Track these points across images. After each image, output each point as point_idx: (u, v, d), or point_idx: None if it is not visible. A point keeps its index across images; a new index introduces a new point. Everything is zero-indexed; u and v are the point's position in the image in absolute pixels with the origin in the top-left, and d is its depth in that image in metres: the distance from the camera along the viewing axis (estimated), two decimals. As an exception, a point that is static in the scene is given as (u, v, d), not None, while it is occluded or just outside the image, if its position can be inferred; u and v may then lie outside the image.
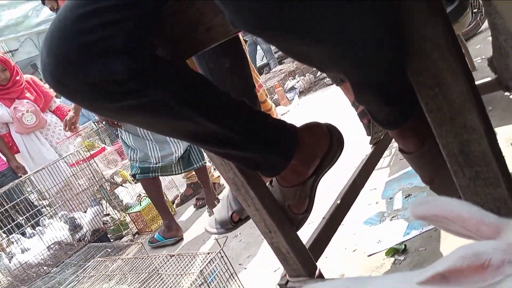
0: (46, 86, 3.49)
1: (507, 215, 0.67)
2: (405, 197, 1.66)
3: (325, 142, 0.87)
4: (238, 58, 1.10)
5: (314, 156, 0.87)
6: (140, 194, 3.21)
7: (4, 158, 3.39)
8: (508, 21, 0.43)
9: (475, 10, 1.88)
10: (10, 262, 2.53)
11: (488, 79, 1.37)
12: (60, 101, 3.62)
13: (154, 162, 2.48)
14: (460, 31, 2.25)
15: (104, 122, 2.90)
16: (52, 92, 3.46)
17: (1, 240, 2.91)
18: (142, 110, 0.66)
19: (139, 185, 3.06)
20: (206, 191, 2.65)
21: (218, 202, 2.63)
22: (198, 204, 3.02)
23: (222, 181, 3.25)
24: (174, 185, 3.60)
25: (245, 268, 1.78)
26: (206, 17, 0.65)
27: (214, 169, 3.56)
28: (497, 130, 1.71)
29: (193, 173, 3.19)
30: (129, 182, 3.31)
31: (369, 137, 1.44)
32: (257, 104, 1.15)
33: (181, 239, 2.58)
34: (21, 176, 3.11)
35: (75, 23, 0.59)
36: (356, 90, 0.66)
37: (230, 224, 1.11)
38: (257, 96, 1.16)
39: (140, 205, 3.04)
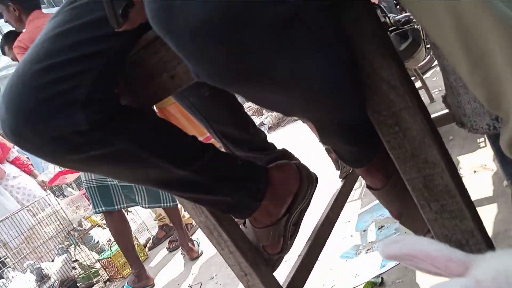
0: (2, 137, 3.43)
1: (476, 246, 0.69)
2: (378, 229, 1.68)
3: (294, 180, 0.88)
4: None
5: (286, 195, 0.88)
6: (110, 239, 3.10)
7: None
8: (454, 62, 0.46)
9: (428, 45, 1.99)
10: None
11: (446, 110, 1.43)
12: (16, 151, 3.57)
13: (111, 180, 2.38)
14: (415, 66, 2.36)
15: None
16: (9, 144, 3.39)
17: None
18: (107, 160, 0.65)
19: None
20: (179, 232, 2.58)
21: (192, 243, 2.57)
22: (171, 246, 2.94)
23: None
24: (145, 227, 3.50)
25: (223, 311, 1.73)
26: (170, 65, 0.66)
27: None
28: (459, 158, 1.78)
29: (164, 214, 3.12)
30: (100, 226, 3.20)
31: (339, 171, 1.46)
32: (249, 122, 1.12)
33: (152, 287, 2.49)
34: None
35: (33, 79, 0.58)
36: (321, 132, 0.68)
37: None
38: (247, 114, 1.15)
39: (111, 250, 2.93)
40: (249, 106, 6.02)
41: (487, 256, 0.42)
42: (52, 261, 2.81)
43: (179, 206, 2.65)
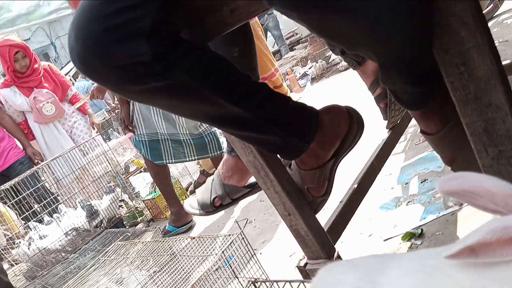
0: (63, 74, 3.51)
1: (531, 195, 0.66)
2: (421, 182, 1.66)
3: (345, 124, 0.87)
4: (247, 49, 1.10)
5: (334, 139, 0.87)
6: (153, 182, 3.24)
7: (20, 146, 3.44)
8: None
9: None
10: (28, 249, 2.59)
11: (508, 61, 1.35)
12: (75, 90, 3.65)
13: (162, 132, 2.46)
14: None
15: (116, 111, 2.94)
16: (68, 81, 3.49)
17: (19, 227, 2.97)
18: (165, 92, 0.67)
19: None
20: (220, 178, 2.65)
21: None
22: (211, 191, 3.04)
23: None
24: (187, 172, 3.62)
25: (261, 253, 1.80)
26: (231, -2, 0.65)
27: (227, 158, 3.58)
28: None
29: (201, 161, 3.21)
30: (143, 171, 3.34)
31: (386, 122, 1.43)
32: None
33: (192, 225, 2.60)
34: (38, 164, 3.16)
35: (102, 7, 0.60)
36: (383, 68, 0.66)
37: (211, 208, 1.12)
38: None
39: (155, 192, 3.07)
40: (293, 56, 5.92)
41: None
42: (101, 199, 2.99)
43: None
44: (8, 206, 2.95)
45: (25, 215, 2.84)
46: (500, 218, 0.39)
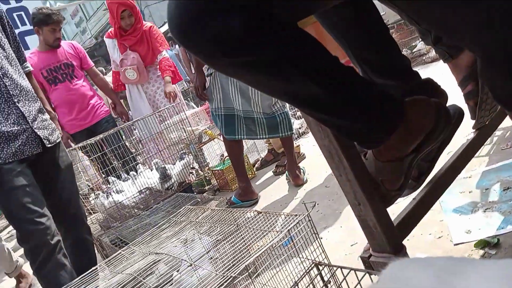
0: (161, 36, 3.54)
1: None
2: (503, 190, 1.54)
3: (431, 120, 0.83)
4: (362, 5, 1.01)
5: (418, 133, 0.84)
6: (223, 154, 3.34)
7: (108, 105, 3.70)
8: None
9: None
10: (106, 200, 2.82)
11: None
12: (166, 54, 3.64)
13: (237, 108, 2.52)
14: None
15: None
16: (162, 46, 3.52)
17: (98, 180, 3.23)
18: (254, 67, 0.68)
19: (223, 144, 3.19)
20: (289, 158, 2.68)
21: (299, 171, 2.65)
22: (277, 171, 3.08)
23: (303, 150, 3.26)
24: (255, 149, 3.69)
25: (321, 238, 1.79)
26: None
27: (295, 139, 3.58)
28: None
29: (271, 140, 3.24)
30: (217, 138, 3.44)
31: (473, 121, 1.34)
32: (394, 46, 1.05)
33: (256, 202, 2.66)
34: (123, 123, 3.39)
35: None
36: (486, 62, 0.62)
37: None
38: (392, 38, 1.07)
39: (224, 163, 3.17)
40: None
41: None
42: (174, 164, 3.15)
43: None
44: (91, 160, 3.21)
45: (105, 169, 3.08)
46: None
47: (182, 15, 0.63)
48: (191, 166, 3.19)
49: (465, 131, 1.38)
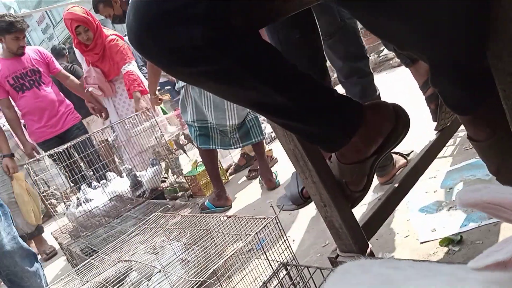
0: (121, 50, 3.38)
1: None
2: (466, 189, 1.61)
3: (390, 122, 0.86)
4: (309, 30, 1.09)
5: (377, 135, 0.87)
6: (196, 160, 3.33)
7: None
8: None
9: None
10: (76, 210, 2.76)
11: None
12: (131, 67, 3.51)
13: (211, 121, 2.54)
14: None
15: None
16: (124, 60, 3.34)
17: (67, 189, 3.16)
18: (213, 76, 0.69)
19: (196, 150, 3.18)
20: (261, 163, 2.70)
21: (271, 174, 2.68)
22: (250, 175, 3.09)
23: (275, 154, 3.29)
24: (228, 153, 3.69)
25: (293, 241, 1.82)
26: (286, -13, 0.66)
27: (267, 143, 3.61)
28: None
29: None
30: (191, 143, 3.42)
31: (435, 123, 1.39)
32: (326, 76, 1.14)
33: (230, 208, 2.67)
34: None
35: None
36: (434, 71, 0.65)
37: (301, 200, 1.12)
38: (327, 70, 1.15)
39: (196, 169, 3.16)
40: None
41: None
42: (146, 170, 3.12)
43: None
44: (60, 168, 3.14)
45: (74, 178, 3.01)
46: None
47: (140, 26, 0.64)
48: (163, 173, 3.16)
49: (429, 133, 1.43)
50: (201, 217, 1.18)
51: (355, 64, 1.72)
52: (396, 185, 1.19)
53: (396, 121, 0.86)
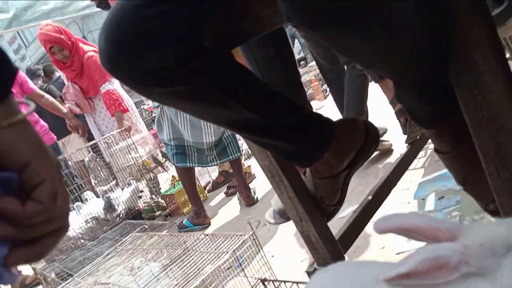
0: (100, 68, 3.41)
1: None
2: (438, 199, 1.65)
3: (360, 137, 0.89)
4: (283, 48, 1.12)
5: (349, 150, 0.89)
6: (174, 177, 3.31)
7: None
8: None
9: (525, 13, 1.81)
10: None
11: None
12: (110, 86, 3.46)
13: (187, 139, 2.54)
14: (506, 34, 2.18)
15: None
16: (102, 79, 3.31)
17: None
18: (188, 97, 0.70)
19: (173, 168, 3.16)
20: (238, 179, 2.70)
21: (249, 191, 2.68)
22: (229, 192, 3.08)
23: (253, 170, 3.30)
24: (206, 171, 3.68)
25: (273, 256, 1.82)
26: (255, 9, 0.69)
27: (245, 159, 3.63)
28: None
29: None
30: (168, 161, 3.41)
31: (405, 136, 1.44)
32: (301, 92, 1.17)
33: (209, 225, 2.65)
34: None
35: (131, 13, 0.63)
36: (398, 87, 0.68)
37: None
38: (301, 84, 1.18)
39: (174, 188, 3.14)
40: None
41: (475, 226, 0.45)
42: (122, 189, 3.08)
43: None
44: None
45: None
46: (431, 248, 0.43)
47: (112, 49, 0.65)
48: (139, 193, 3.12)
49: (400, 146, 1.48)
50: (179, 236, 1.18)
51: None
52: (370, 197, 1.21)
53: (366, 136, 0.89)
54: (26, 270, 2.98)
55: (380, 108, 2.75)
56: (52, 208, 0.38)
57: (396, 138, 1.85)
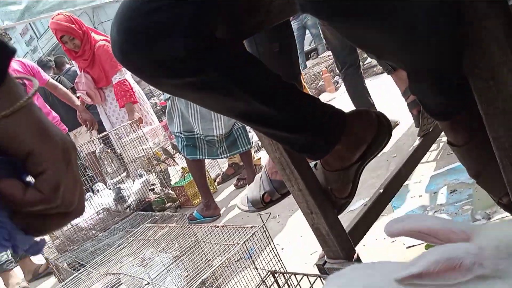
0: (111, 57, 3.39)
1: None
2: (450, 193, 1.64)
3: (373, 129, 0.88)
4: (287, 43, 1.12)
5: (361, 142, 0.88)
6: (184, 169, 3.32)
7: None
8: None
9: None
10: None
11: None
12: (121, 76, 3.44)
13: (197, 132, 2.55)
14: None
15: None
16: (113, 69, 3.31)
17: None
18: (197, 87, 0.70)
19: (183, 161, 3.17)
20: (249, 172, 2.71)
21: (260, 183, 2.68)
22: (239, 184, 3.09)
23: (263, 163, 3.30)
24: (216, 163, 3.69)
25: (282, 249, 1.82)
26: (267, 0, 0.68)
27: (255, 152, 3.63)
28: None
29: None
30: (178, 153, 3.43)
31: (418, 129, 1.42)
32: (301, 89, 1.17)
33: (218, 217, 2.66)
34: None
35: (144, 4, 0.63)
36: (412, 78, 0.67)
37: (261, 204, 1.14)
38: (301, 82, 1.18)
39: (184, 180, 3.16)
40: (329, 55, 5.86)
41: (489, 226, 0.44)
42: (133, 181, 3.10)
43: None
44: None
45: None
46: (444, 248, 0.42)
47: (125, 40, 0.65)
48: (151, 183, 3.14)
49: (412, 139, 1.46)
50: (189, 227, 1.18)
51: None
52: (381, 190, 1.20)
53: (378, 128, 0.88)
54: (38, 259, 3.04)
55: (391, 99, 2.73)
56: (52, 198, 0.37)
57: (408, 131, 1.83)
